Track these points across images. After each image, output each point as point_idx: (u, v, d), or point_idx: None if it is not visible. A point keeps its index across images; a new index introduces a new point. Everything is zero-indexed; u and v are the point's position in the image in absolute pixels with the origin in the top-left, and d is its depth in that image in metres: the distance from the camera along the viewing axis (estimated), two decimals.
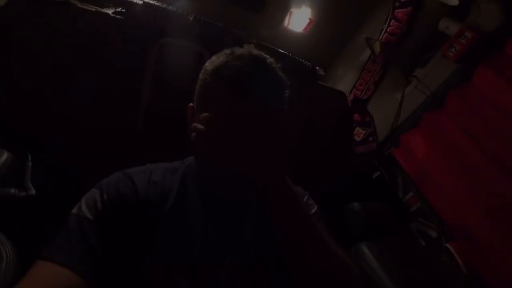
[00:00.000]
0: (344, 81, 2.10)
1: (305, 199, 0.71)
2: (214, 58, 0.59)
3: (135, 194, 0.56)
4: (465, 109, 1.42)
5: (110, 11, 1.41)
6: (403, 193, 1.69)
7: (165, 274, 0.53)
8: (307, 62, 1.71)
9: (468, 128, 1.39)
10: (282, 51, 1.63)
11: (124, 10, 1.40)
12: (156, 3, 1.42)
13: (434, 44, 1.67)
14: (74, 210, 0.54)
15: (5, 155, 0.90)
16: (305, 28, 1.98)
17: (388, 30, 1.80)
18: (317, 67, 1.75)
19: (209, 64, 0.59)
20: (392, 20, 1.79)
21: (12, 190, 0.88)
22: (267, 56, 0.58)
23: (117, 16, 1.39)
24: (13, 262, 0.74)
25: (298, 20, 1.94)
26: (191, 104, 0.62)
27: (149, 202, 0.57)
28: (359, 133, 1.89)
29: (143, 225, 0.55)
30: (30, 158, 1.05)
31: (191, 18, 1.49)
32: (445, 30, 1.57)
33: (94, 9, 1.38)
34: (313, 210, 0.70)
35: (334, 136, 1.92)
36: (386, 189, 1.75)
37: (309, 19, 1.93)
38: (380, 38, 1.83)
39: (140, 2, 1.40)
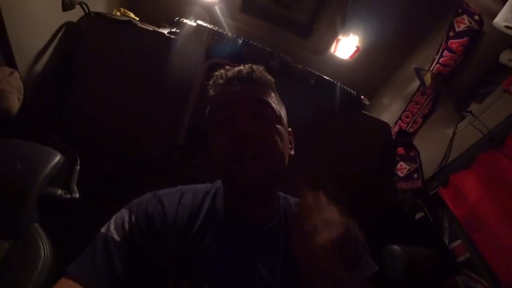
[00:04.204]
0: (389, 112, 2.01)
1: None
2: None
3: (163, 217, 0.57)
4: None
5: (165, 31, 1.51)
6: (450, 240, 1.52)
7: None
8: (352, 90, 1.68)
9: None
10: (327, 78, 1.62)
11: (178, 30, 1.50)
12: (208, 25, 1.49)
13: (494, 78, 1.54)
14: (103, 229, 0.55)
15: (57, 157, 0.97)
16: (352, 56, 1.96)
17: (440, 61, 1.71)
18: (362, 96, 1.70)
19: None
20: (446, 51, 1.69)
21: (59, 191, 0.94)
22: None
23: (172, 36, 1.49)
24: (49, 263, 0.76)
25: (345, 47, 1.93)
26: None
27: (176, 225, 0.57)
28: (403, 168, 1.77)
29: (168, 249, 0.54)
30: (79, 162, 1.11)
31: (240, 41, 1.54)
32: (507, 63, 1.45)
33: (151, 29, 1.49)
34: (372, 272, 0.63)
35: (375, 168, 1.82)
36: (429, 233, 1.59)
37: (356, 46, 1.91)
38: (431, 68, 1.74)
39: (194, 24, 1.48)
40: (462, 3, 1.62)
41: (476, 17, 1.58)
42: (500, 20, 1.29)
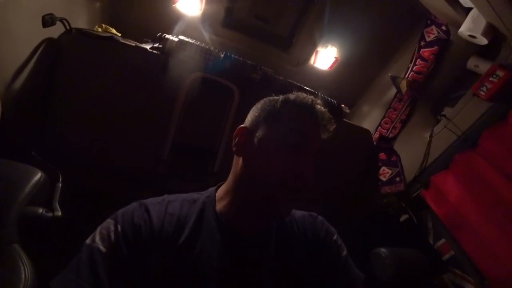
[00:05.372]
0: (370, 119, 2.08)
1: (334, 237, 0.68)
2: (270, 98, 0.68)
3: (149, 226, 0.56)
4: (502, 150, 1.34)
5: (148, 46, 1.52)
6: (434, 239, 1.56)
7: None
8: (333, 100, 1.73)
9: (506, 170, 1.30)
10: (308, 88, 1.67)
11: (160, 45, 1.51)
12: (190, 40, 1.52)
13: (463, 83, 1.64)
14: (88, 241, 0.54)
15: (38, 175, 0.94)
16: (331, 66, 2.03)
17: (414, 69, 1.81)
18: (343, 105, 1.76)
19: (271, 100, 0.67)
20: (418, 59, 1.79)
21: (40, 210, 0.91)
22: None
23: (154, 51, 1.50)
24: (30, 284, 0.73)
25: (324, 58, 2.00)
26: (244, 125, 0.66)
27: (163, 234, 0.56)
28: (385, 173, 1.82)
29: (155, 258, 0.53)
30: (61, 179, 1.08)
31: (222, 55, 1.58)
32: (474, 69, 1.55)
33: (134, 44, 1.50)
34: (344, 253, 0.66)
35: (359, 174, 1.87)
36: (415, 234, 1.63)
37: (335, 57, 1.99)
38: (406, 76, 1.83)
39: (176, 39, 1.51)
40: (430, 15, 1.74)
41: (444, 28, 1.69)
42: (464, 29, 1.39)
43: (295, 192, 0.58)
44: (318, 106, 0.63)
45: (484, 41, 1.37)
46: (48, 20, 1.27)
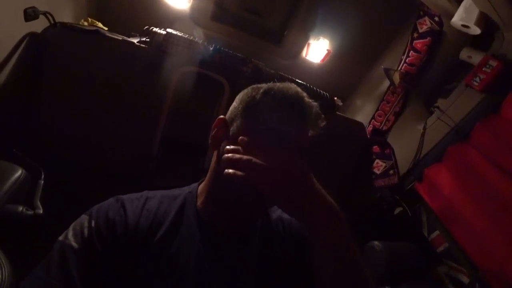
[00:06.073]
0: (363, 112, 2.07)
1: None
2: (254, 86, 0.61)
3: (124, 222, 0.53)
4: (495, 142, 1.32)
5: (135, 40, 1.49)
6: (429, 232, 1.55)
7: None
8: (324, 93, 1.71)
9: (499, 162, 1.29)
10: (300, 81, 1.65)
11: (148, 39, 1.48)
12: (178, 33, 1.49)
13: (457, 74, 1.62)
14: (61, 237, 0.51)
15: (18, 172, 0.91)
16: (323, 59, 2.01)
17: (407, 60, 1.79)
18: (335, 98, 1.73)
19: (253, 89, 0.60)
20: (411, 51, 1.77)
21: (20, 208, 0.88)
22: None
23: (142, 45, 1.47)
24: (8, 285, 0.70)
25: (316, 51, 1.98)
26: (223, 116, 0.61)
27: (139, 231, 0.53)
28: (379, 166, 1.81)
29: (130, 256, 0.51)
30: (43, 176, 1.05)
31: (211, 48, 1.54)
32: (467, 60, 1.53)
33: (121, 38, 1.46)
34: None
35: (352, 168, 1.85)
36: (409, 227, 1.62)
37: (327, 50, 1.96)
38: (399, 68, 1.81)
39: (164, 32, 1.47)
40: (423, 6, 1.71)
41: (436, 18, 1.67)
42: (457, 19, 1.37)
43: (259, 197, 0.51)
44: (305, 100, 0.57)
45: (477, 30, 1.35)
46: (30, 14, 1.23)
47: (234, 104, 0.61)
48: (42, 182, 1.03)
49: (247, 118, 0.57)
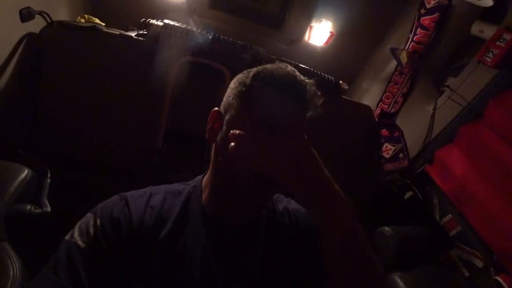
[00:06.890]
0: (370, 95, 2.01)
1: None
2: (244, 72, 0.59)
3: (128, 220, 0.53)
4: (510, 119, 1.26)
5: (133, 34, 1.47)
6: (441, 216, 1.52)
7: None
8: (330, 77, 1.66)
9: None
10: (303, 66, 1.60)
11: (145, 32, 1.46)
12: (175, 24, 1.46)
13: (467, 50, 1.54)
14: (67, 237, 0.51)
15: (25, 172, 0.93)
16: (327, 42, 1.94)
17: (414, 39, 1.71)
18: (341, 81, 1.68)
19: (243, 75, 0.58)
20: (419, 29, 1.69)
21: (28, 207, 0.90)
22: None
23: (140, 38, 1.45)
24: (19, 282, 0.72)
25: (319, 34, 1.91)
26: (217, 108, 0.59)
27: (144, 228, 0.53)
28: (388, 149, 1.76)
29: (136, 254, 0.51)
30: (49, 175, 1.07)
31: (210, 37, 1.51)
32: (479, 34, 1.45)
33: (118, 33, 1.45)
34: None
35: (361, 152, 1.81)
36: (420, 211, 1.59)
37: (330, 32, 1.89)
38: (406, 47, 1.73)
39: (161, 23, 1.45)
40: None
41: None
42: None
43: (265, 185, 0.50)
44: (298, 78, 0.54)
45: (489, 2, 1.27)
46: (25, 14, 1.22)
47: (227, 93, 0.59)
48: (49, 180, 1.04)
49: (238, 105, 0.55)
